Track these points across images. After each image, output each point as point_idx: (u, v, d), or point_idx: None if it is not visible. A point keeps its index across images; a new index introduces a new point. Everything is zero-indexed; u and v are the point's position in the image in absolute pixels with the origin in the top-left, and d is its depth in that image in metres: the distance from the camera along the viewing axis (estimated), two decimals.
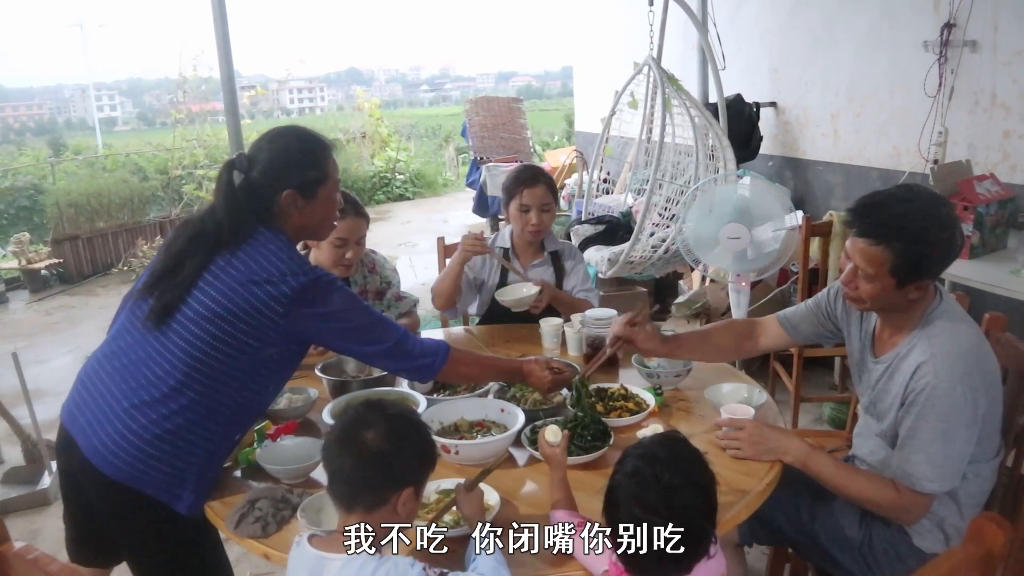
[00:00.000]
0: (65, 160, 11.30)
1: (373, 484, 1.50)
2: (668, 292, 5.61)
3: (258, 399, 2.02)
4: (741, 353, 2.47)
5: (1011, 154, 4.05)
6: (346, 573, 1.42)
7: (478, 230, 4.65)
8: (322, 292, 1.94)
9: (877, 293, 1.87)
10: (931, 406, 1.81)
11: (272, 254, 1.92)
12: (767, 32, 5.87)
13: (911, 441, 1.85)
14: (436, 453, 1.65)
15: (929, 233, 1.79)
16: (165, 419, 1.86)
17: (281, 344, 1.94)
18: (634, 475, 1.43)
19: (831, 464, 1.98)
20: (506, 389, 2.40)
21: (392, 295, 3.11)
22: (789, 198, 3.02)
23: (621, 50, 7.32)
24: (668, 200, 4.58)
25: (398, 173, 14.10)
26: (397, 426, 1.54)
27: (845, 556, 2.06)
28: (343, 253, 2.80)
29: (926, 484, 1.83)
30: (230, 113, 5.85)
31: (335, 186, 2.08)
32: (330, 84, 79.63)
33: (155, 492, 1.88)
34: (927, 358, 1.83)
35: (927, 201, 1.84)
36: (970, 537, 1.28)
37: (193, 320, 1.86)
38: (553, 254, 3.19)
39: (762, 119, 5.78)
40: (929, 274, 1.85)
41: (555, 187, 3.14)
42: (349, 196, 2.84)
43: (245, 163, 1.99)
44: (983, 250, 3.54)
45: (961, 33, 4.19)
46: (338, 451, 1.52)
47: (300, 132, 2.08)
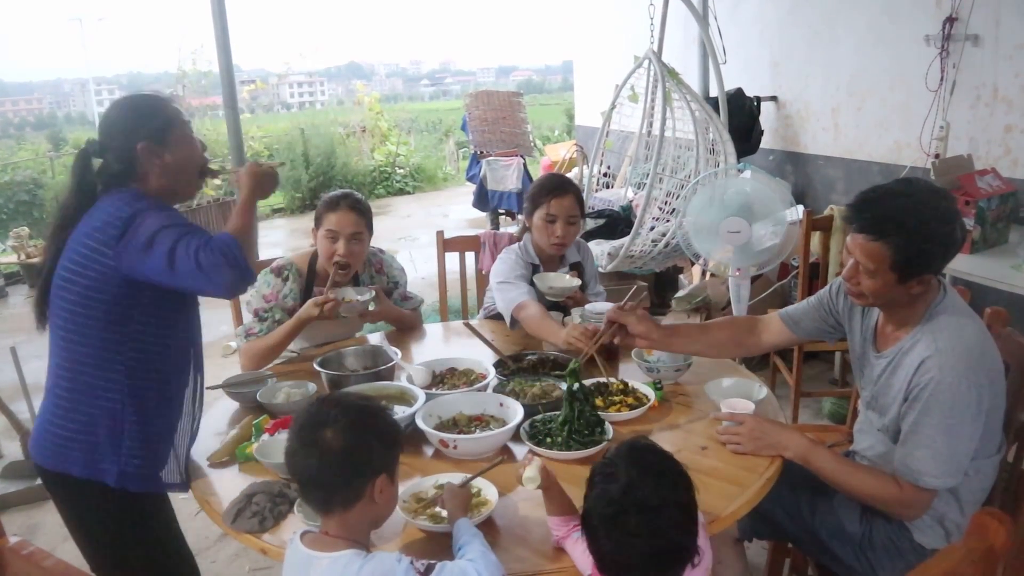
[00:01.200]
0: (65, 154, 11.26)
1: (343, 481, 1.48)
2: (668, 286, 5.61)
3: (150, 354, 2.00)
4: (741, 349, 2.44)
5: (1012, 148, 4.04)
6: (333, 571, 1.42)
7: (480, 226, 4.63)
8: (142, 222, 1.92)
9: (879, 288, 1.86)
10: (935, 401, 1.79)
11: (109, 205, 1.96)
12: (768, 26, 5.85)
13: (914, 437, 1.84)
14: (400, 433, 1.62)
15: (928, 227, 1.77)
16: (64, 398, 1.98)
17: (130, 292, 1.94)
18: (609, 503, 1.40)
19: (832, 459, 1.97)
20: (505, 383, 2.39)
21: (399, 295, 3.09)
22: (790, 192, 3.01)
23: (621, 44, 7.30)
24: (668, 194, 4.58)
25: (398, 167, 14.09)
26: (354, 417, 1.51)
27: (845, 551, 2.05)
28: (334, 247, 2.76)
29: (929, 480, 1.82)
30: (229, 107, 5.85)
31: (185, 128, 2.10)
32: (330, 78, 79.64)
33: (79, 471, 1.96)
34: (932, 353, 1.82)
35: (926, 195, 1.82)
36: (972, 532, 1.27)
37: (56, 299, 1.98)
38: (574, 265, 3.10)
39: (763, 113, 5.76)
40: (930, 268, 1.83)
41: (583, 199, 3.00)
42: (350, 193, 2.86)
43: (97, 147, 2.05)
44: (984, 245, 3.53)
45: (963, 27, 4.17)
46: (302, 457, 1.50)
47: (134, 94, 2.16)
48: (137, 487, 1.98)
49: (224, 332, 6.10)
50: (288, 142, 13.22)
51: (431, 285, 6.08)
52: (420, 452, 2.10)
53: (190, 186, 2.17)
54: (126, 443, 1.97)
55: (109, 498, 1.97)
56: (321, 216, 2.79)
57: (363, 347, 2.70)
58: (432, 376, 2.47)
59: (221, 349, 5.82)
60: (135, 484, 1.98)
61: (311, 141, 13.29)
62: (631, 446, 1.48)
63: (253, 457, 2.04)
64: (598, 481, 1.44)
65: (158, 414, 2.03)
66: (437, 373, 2.50)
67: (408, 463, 2.02)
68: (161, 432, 2.04)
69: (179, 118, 2.09)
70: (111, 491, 1.96)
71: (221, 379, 2.50)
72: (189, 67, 10.47)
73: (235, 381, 2.49)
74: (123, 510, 2.00)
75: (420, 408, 2.14)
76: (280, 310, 2.78)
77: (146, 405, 2.00)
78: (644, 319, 2.29)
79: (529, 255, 3.02)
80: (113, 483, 1.96)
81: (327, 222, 2.76)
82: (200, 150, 2.15)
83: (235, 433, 2.16)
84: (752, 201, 3.04)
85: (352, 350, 2.66)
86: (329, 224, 2.75)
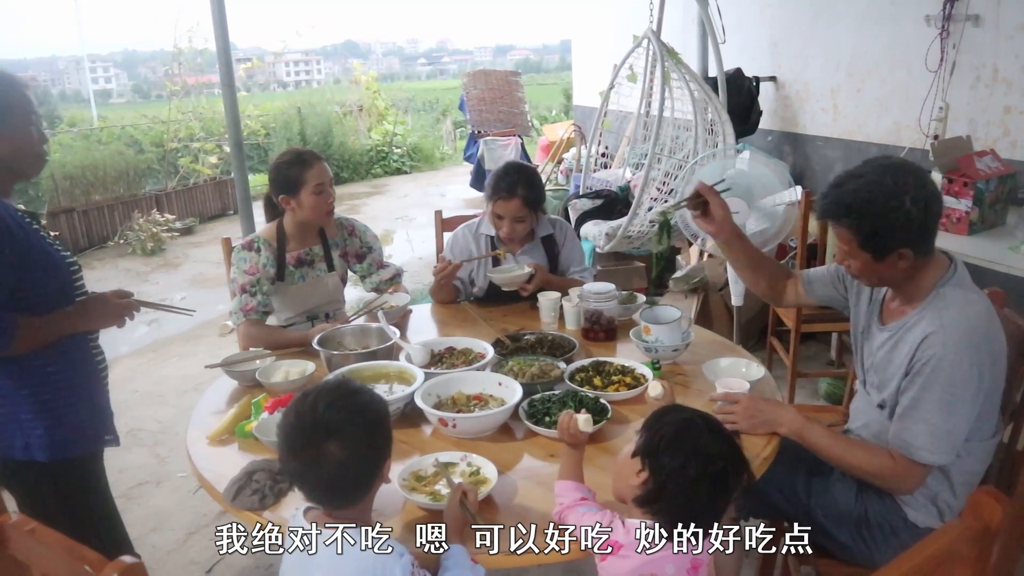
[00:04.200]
0: (60, 132, 11.15)
1: (359, 484, 1.50)
2: (666, 267, 5.60)
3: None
4: (772, 292, 2.46)
5: (1012, 130, 4.03)
6: (336, 549, 1.43)
7: (473, 209, 4.63)
8: None
9: (863, 268, 1.91)
10: (936, 377, 1.81)
11: None
12: (768, 5, 5.81)
13: (913, 411, 1.85)
14: (388, 419, 1.58)
15: (875, 204, 1.82)
16: None
17: None
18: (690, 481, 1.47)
19: (826, 435, 1.98)
20: (504, 363, 2.40)
21: (373, 261, 3.15)
22: (788, 173, 3.00)
23: (620, 23, 7.26)
24: (667, 174, 4.57)
25: (395, 147, 14.04)
26: (353, 418, 1.47)
27: (841, 530, 2.07)
28: (327, 198, 2.88)
29: (924, 455, 1.84)
30: (226, 85, 5.81)
31: (24, 116, 2.02)
32: (327, 57, 79.09)
33: (9, 452, 2.03)
34: (936, 328, 1.83)
35: (876, 173, 1.85)
36: (968, 511, 1.28)
37: None
38: (544, 238, 3.17)
39: (762, 93, 5.74)
40: (899, 242, 1.84)
41: (537, 194, 3.04)
42: (302, 149, 3.02)
43: None
44: (982, 226, 3.53)
45: (964, 7, 4.15)
46: (306, 472, 1.47)
47: None
48: (45, 456, 2.04)
49: (221, 311, 6.10)
50: (285, 121, 13.17)
51: (428, 265, 6.08)
52: (419, 431, 2.11)
53: (29, 170, 2.13)
54: (46, 416, 2.03)
55: (44, 474, 2.05)
56: (299, 177, 2.84)
57: (361, 326, 2.70)
58: (431, 355, 2.48)
59: (218, 329, 5.83)
60: (70, 453, 2.07)
61: (308, 120, 13.24)
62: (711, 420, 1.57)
63: (252, 435, 2.05)
64: (678, 453, 1.49)
65: (55, 382, 2.06)
66: (436, 352, 2.51)
67: (407, 441, 2.03)
68: (63, 397, 2.07)
69: (21, 106, 2.02)
70: (44, 466, 2.04)
71: (219, 358, 2.51)
72: (185, 45, 10.35)
73: (234, 360, 2.50)
74: (60, 481, 2.09)
75: (419, 387, 2.15)
76: (265, 280, 2.85)
77: (52, 377, 2.05)
78: (725, 207, 2.35)
79: (487, 227, 3.13)
80: (46, 457, 2.03)
81: (312, 178, 2.84)
82: (36, 143, 2.07)
83: (234, 411, 2.17)
84: (750, 182, 3.03)
85: (350, 329, 2.67)
86: (315, 179, 2.84)
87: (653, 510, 1.50)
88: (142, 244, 8.41)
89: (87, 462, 2.17)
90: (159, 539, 3.30)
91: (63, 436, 2.06)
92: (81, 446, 2.13)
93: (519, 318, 2.92)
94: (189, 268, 7.87)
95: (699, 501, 1.47)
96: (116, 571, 1.17)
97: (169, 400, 4.69)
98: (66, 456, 2.08)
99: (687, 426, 1.51)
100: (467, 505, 1.62)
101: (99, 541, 2.12)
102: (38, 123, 2.07)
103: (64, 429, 2.06)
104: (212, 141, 10.68)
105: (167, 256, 8.39)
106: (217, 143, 10.54)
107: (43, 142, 2.09)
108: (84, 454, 2.15)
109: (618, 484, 1.59)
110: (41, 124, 2.09)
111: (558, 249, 3.18)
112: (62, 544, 1.30)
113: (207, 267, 7.78)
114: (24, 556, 1.36)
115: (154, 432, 4.26)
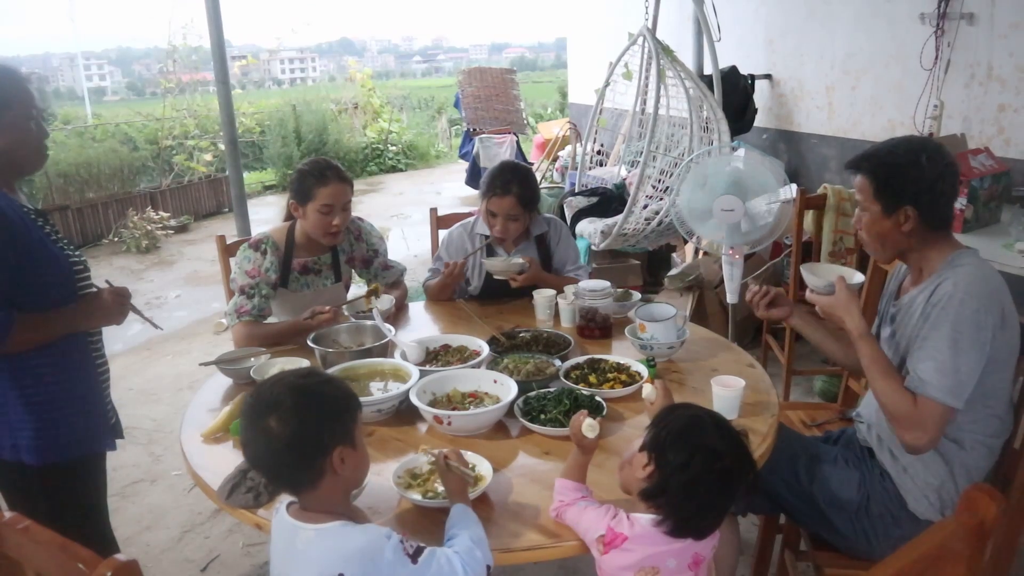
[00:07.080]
0: (54, 130, 11.11)
1: (299, 465, 1.45)
2: (661, 265, 5.61)
3: None
4: None
5: (1006, 128, 4.04)
6: (320, 541, 1.42)
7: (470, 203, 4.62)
8: None
9: (872, 224, 2.04)
10: (945, 314, 1.89)
11: None
12: (763, 3, 5.82)
13: (923, 347, 1.92)
14: (351, 399, 1.53)
15: (894, 156, 2.00)
16: None
17: None
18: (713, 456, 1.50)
19: (877, 353, 2.02)
20: (499, 360, 2.40)
21: (380, 264, 3.10)
22: (783, 171, 3.01)
23: (616, 21, 7.26)
24: (662, 172, 4.57)
25: (390, 144, 14.03)
26: (296, 399, 1.44)
27: (842, 519, 2.08)
28: (330, 220, 2.78)
29: (933, 391, 1.86)
30: (221, 83, 5.81)
31: (23, 113, 2.00)
32: (322, 54, 79.03)
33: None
34: (949, 277, 1.94)
35: (902, 138, 2.08)
36: (962, 508, 1.28)
37: None
38: (539, 237, 3.17)
39: (757, 91, 5.74)
40: (908, 197, 1.97)
41: (531, 193, 3.05)
42: (330, 162, 2.86)
43: None
44: (976, 224, 3.53)
45: (958, 5, 4.16)
46: (253, 448, 1.47)
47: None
48: (34, 460, 2.02)
49: (215, 309, 6.10)
50: (280, 118, 13.12)
51: (424, 263, 6.08)
52: (414, 428, 2.10)
53: (29, 164, 2.10)
54: (32, 419, 2.01)
55: (34, 476, 2.04)
56: (311, 191, 2.76)
57: (357, 324, 2.69)
58: (426, 353, 2.47)
59: (213, 326, 5.82)
60: (58, 457, 2.04)
61: (303, 118, 13.20)
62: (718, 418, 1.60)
63: None
64: (684, 451, 1.51)
65: (48, 383, 2.04)
66: (431, 350, 2.51)
67: (402, 439, 2.03)
68: (55, 400, 2.05)
69: (20, 101, 2.00)
70: (34, 470, 2.02)
71: (213, 356, 2.50)
72: (179, 42, 10.33)
73: (228, 357, 2.49)
74: (48, 485, 2.07)
75: (414, 385, 2.15)
76: (265, 284, 2.78)
77: (46, 377, 2.03)
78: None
79: (482, 227, 3.13)
80: (36, 461, 2.01)
81: (320, 197, 2.74)
82: (36, 137, 2.05)
83: (229, 409, 2.16)
84: (746, 179, 3.04)
85: (346, 327, 2.66)
86: (324, 199, 2.75)
87: (657, 504, 1.52)
88: (136, 242, 8.40)
89: (78, 466, 2.14)
90: (153, 537, 3.30)
91: (53, 439, 2.04)
92: (72, 450, 2.09)
93: (514, 315, 2.91)
94: (183, 266, 7.85)
95: (703, 497, 1.49)
96: (110, 569, 1.16)
97: (163, 398, 4.68)
98: (55, 460, 2.05)
99: (694, 422, 1.54)
100: (454, 466, 1.64)
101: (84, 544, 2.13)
102: (38, 118, 2.05)
103: (54, 432, 2.04)
104: (207, 139, 10.64)
105: (161, 254, 8.37)
106: (212, 141, 10.51)
107: (43, 137, 2.08)
108: (75, 458, 2.11)
109: (626, 477, 1.62)
110: (42, 119, 2.07)
111: (552, 248, 3.18)
112: (56, 542, 1.29)
113: (201, 265, 7.76)
114: (17, 554, 1.35)
115: (148, 430, 4.25)
